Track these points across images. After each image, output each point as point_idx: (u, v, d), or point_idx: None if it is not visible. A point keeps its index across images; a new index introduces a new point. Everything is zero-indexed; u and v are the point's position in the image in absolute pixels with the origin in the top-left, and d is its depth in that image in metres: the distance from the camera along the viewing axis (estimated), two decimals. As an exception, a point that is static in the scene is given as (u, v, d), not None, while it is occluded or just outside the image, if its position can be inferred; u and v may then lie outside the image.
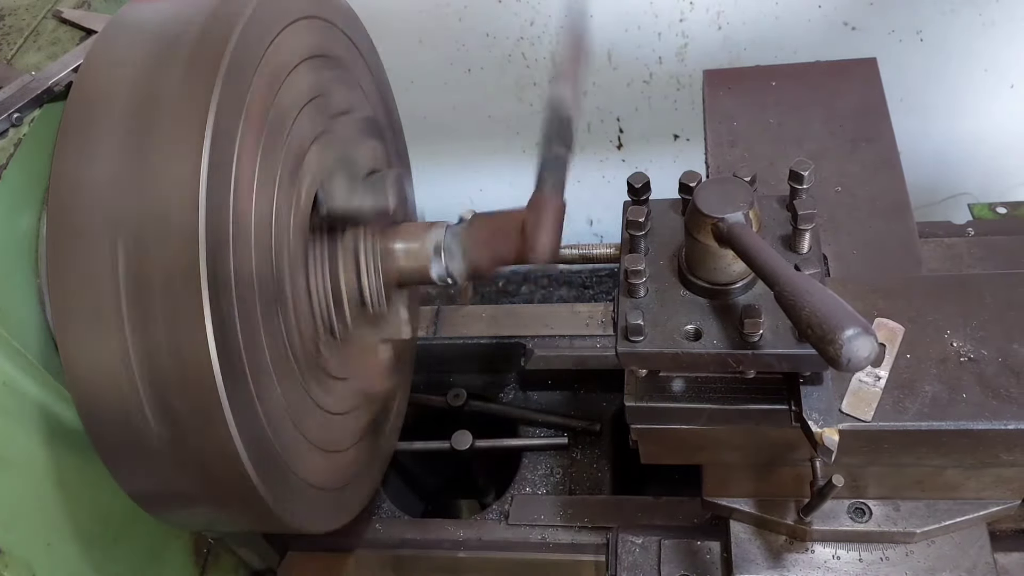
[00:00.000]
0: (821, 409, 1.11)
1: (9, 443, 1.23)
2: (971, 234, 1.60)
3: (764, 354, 1.08)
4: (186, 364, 1.04)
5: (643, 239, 1.22)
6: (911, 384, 1.18)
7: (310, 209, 1.29)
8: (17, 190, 1.23)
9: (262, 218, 1.15)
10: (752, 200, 1.09)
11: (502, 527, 1.77)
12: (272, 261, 1.17)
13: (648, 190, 1.23)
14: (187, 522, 1.44)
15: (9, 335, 1.21)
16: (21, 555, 1.25)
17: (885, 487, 1.36)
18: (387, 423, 1.68)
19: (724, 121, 1.61)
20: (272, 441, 1.17)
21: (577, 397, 2.05)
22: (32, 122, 1.27)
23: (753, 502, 1.42)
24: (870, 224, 1.43)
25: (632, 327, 1.11)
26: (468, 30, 2.33)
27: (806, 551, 1.40)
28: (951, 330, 1.21)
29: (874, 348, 0.88)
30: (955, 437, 1.15)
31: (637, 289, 1.16)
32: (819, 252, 1.17)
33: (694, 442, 1.28)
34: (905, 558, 1.37)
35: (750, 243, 1.03)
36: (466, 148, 2.64)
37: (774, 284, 0.97)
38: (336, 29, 1.43)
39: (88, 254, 1.06)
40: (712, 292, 1.14)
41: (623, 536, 1.60)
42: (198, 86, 1.06)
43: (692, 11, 2.23)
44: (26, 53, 1.42)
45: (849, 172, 1.50)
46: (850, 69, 1.67)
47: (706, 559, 1.51)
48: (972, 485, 1.32)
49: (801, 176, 1.15)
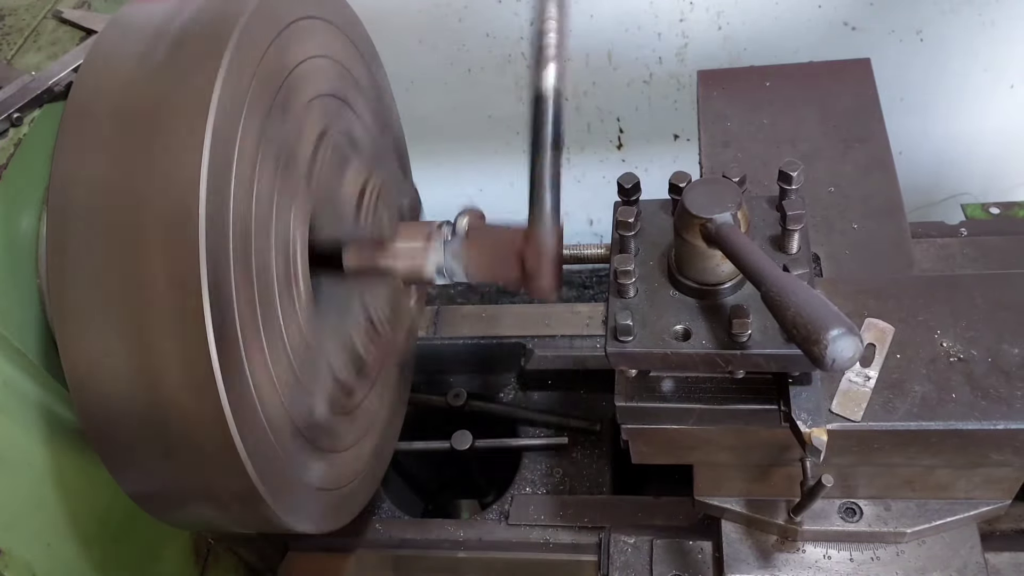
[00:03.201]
0: (810, 409, 1.11)
1: (9, 443, 1.24)
2: (964, 234, 1.59)
3: (752, 354, 1.08)
4: (186, 364, 1.05)
5: (633, 239, 1.22)
6: (901, 384, 1.18)
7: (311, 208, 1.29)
8: (17, 190, 1.23)
9: (263, 219, 1.15)
10: (740, 201, 1.09)
11: (502, 527, 1.78)
12: (273, 262, 1.17)
13: (638, 191, 1.23)
14: (187, 522, 1.44)
15: (9, 335, 1.21)
16: (21, 555, 1.26)
17: (875, 487, 1.36)
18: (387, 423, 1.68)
19: (718, 121, 1.61)
20: (272, 441, 1.17)
21: (577, 397, 2.05)
22: (32, 122, 1.27)
23: (744, 502, 1.43)
24: (863, 224, 1.44)
25: (621, 327, 1.11)
26: (468, 30, 2.33)
27: (797, 551, 1.41)
28: (941, 330, 1.21)
29: (859, 348, 0.88)
30: (944, 437, 1.15)
31: (627, 289, 1.16)
32: (808, 252, 1.17)
33: (684, 442, 1.28)
34: (896, 558, 1.37)
35: (737, 243, 1.03)
36: (466, 148, 2.64)
37: (760, 284, 0.98)
38: (337, 29, 1.43)
39: (88, 254, 1.06)
40: (701, 292, 1.15)
41: (615, 536, 1.60)
42: (198, 87, 1.06)
43: (692, 11, 2.23)
44: (26, 53, 1.42)
45: (842, 172, 1.51)
46: (844, 69, 1.67)
47: (698, 559, 1.52)
48: (962, 485, 1.32)
49: (790, 176, 1.15)
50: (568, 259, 1.36)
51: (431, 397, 2.06)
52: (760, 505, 1.41)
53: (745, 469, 1.37)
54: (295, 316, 1.24)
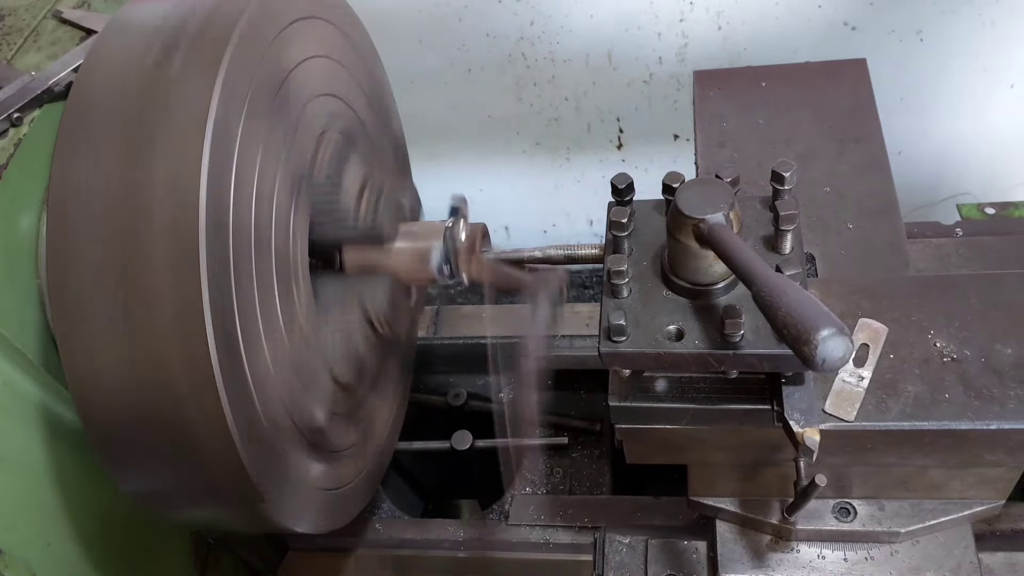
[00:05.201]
0: (803, 409, 1.11)
1: (9, 443, 1.24)
2: (959, 234, 1.59)
3: (745, 354, 1.08)
4: (186, 364, 1.05)
5: (627, 239, 1.22)
6: (894, 384, 1.18)
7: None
8: (17, 190, 1.23)
9: (263, 219, 1.15)
10: (733, 201, 1.09)
11: (502, 527, 1.77)
12: (273, 262, 1.18)
13: (632, 191, 1.23)
14: (187, 522, 1.44)
15: (9, 335, 1.22)
16: (21, 555, 1.26)
17: (869, 487, 1.36)
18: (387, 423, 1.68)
19: (714, 122, 1.61)
20: (272, 441, 1.17)
21: (577, 397, 2.05)
22: (32, 122, 1.27)
23: (738, 502, 1.42)
24: (858, 224, 1.43)
25: (615, 327, 1.11)
26: (468, 30, 2.33)
27: (791, 551, 1.40)
28: (934, 330, 1.21)
29: (849, 349, 0.88)
30: (938, 437, 1.15)
31: (620, 289, 1.16)
32: (801, 253, 1.17)
33: (678, 442, 1.28)
34: (890, 557, 1.37)
35: (729, 244, 1.03)
36: (466, 148, 2.64)
37: (751, 284, 0.97)
38: (337, 29, 1.43)
39: (88, 254, 1.06)
40: (694, 292, 1.15)
41: (610, 536, 1.60)
42: (198, 86, 1.06)
43: (692, 11, 2.23)
44: (26, 53, 1.42)
45: (838, 172, 1.50)
46: (840, 70, 1.67)
47: (692, 559, 1.52)
48: (956, 485, 1.32)
49: (783, 177, 1.15)
50: (563, 259, 1.37)
51: (431, 397, 2.06)
52: (754, 505, 1.41)
53: (739, 469, 1.37)
54: (295, 316, 1.24)
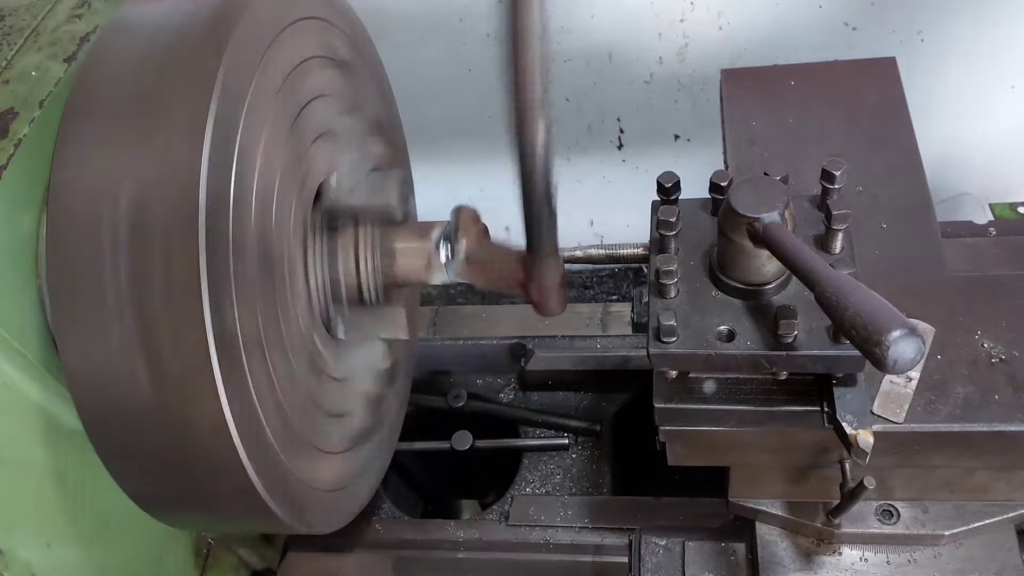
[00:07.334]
0: (855, 410, 1.09)
1: (9, 443, 1.23)
2: (993, 234, 1.56)
3: (799, 355, 1.07)
4: (186, 364, 1.04)
5: (673, 239, 1.21)
6: (942, 385, 1.16)
7: (311, 205, 1.29)
8: (17, 190, 1.22)
9: (263, 221, 1.15)
10: (788, 200, 1.08)
11: (502, 527, 1.77)
12: (273, 262, 1.17)
13: (678, 190, 1.21)
14: (187, 522, 1.44)
15: (9, 335, 1.21)
16: (21, 555, 1.25)
17: (913, 489, 1.34)
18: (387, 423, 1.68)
19: (743, 121, 1.58)
20: (272, 441, 1.17)
21: (577, 398, 2.05)
22: (32, 122, 1.27)
23: (780, 504, 1.40)
24: (892, 224, 1.41)
25: (665, 328, 1.10)
26: (468, 30, 2.32)
27: (833, 553, 1.38)
28: (982, 331, 1.20)
29: (920, 350, 0.87)
30: (987, 439, 1.13)
31: (668, 290, 1.15)
32: (852, 252, 1.16)
33: (723, 444, 1.26)
34: (933, 560, 1.35)
35: (787, 243, 1.02)
36: (466, 148, 2.64)
37: (815, 284, 0.96)
38: (337, 29, 1.43)
39: (88, 254, 1.06)
40: (745, 292, 1.13)
41: (646, 537, 1.58)
42: (198, 85, 1.06)
43: (693, 11, 2.23)
44: (26, 53, 1.41)
45: (869, 172, 1.48)
46: (869, 69, 1.64)
47: (731, 560, 1.50)
48: (1002, 487, 1.30)
49: (833, 176, 1.14)
50: (605, 259, 1.35)
51: (431, 397, 2.05)
52: (797, 507, 1.39)
53: (783, 471, 1.36)
54: (295, 315, 1.24)
